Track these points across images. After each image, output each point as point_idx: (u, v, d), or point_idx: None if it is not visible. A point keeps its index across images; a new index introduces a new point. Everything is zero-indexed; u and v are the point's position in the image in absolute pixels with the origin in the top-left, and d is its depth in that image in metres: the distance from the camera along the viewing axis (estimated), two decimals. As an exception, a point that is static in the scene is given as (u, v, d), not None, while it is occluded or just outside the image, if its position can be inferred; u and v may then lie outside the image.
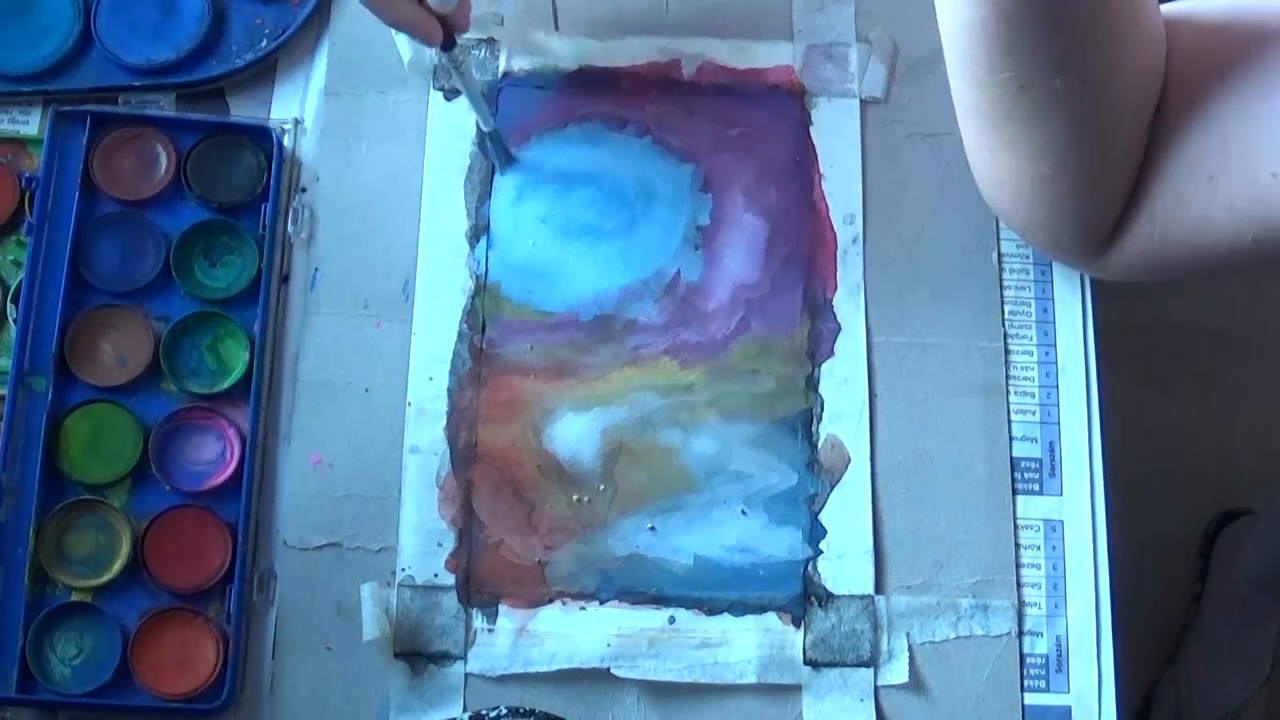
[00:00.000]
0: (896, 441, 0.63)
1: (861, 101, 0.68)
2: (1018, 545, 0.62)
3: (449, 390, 0.63)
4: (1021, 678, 0.61)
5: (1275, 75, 0.50)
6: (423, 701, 0.59)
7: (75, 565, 0.60)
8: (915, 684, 0.60)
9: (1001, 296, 0.66)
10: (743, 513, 0.62)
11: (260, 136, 0.66)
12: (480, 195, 0.66)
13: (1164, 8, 0.56)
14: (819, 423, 0.63)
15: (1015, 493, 0.63)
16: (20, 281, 0.63)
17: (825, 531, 0.62)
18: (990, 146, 0.56)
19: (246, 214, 0.65)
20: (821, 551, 0.62)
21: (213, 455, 0.62)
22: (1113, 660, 0.61)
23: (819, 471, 0.63)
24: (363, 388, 0.63)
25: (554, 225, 0.66)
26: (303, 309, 0.64)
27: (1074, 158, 0.54)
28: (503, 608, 0.61)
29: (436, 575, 0.61)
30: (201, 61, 0.67)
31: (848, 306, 0.65)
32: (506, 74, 0.68)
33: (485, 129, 0.65)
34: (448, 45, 0.60)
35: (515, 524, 0.62)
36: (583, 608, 0.61)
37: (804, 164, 0.67)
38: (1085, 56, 0.50)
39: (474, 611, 0.60)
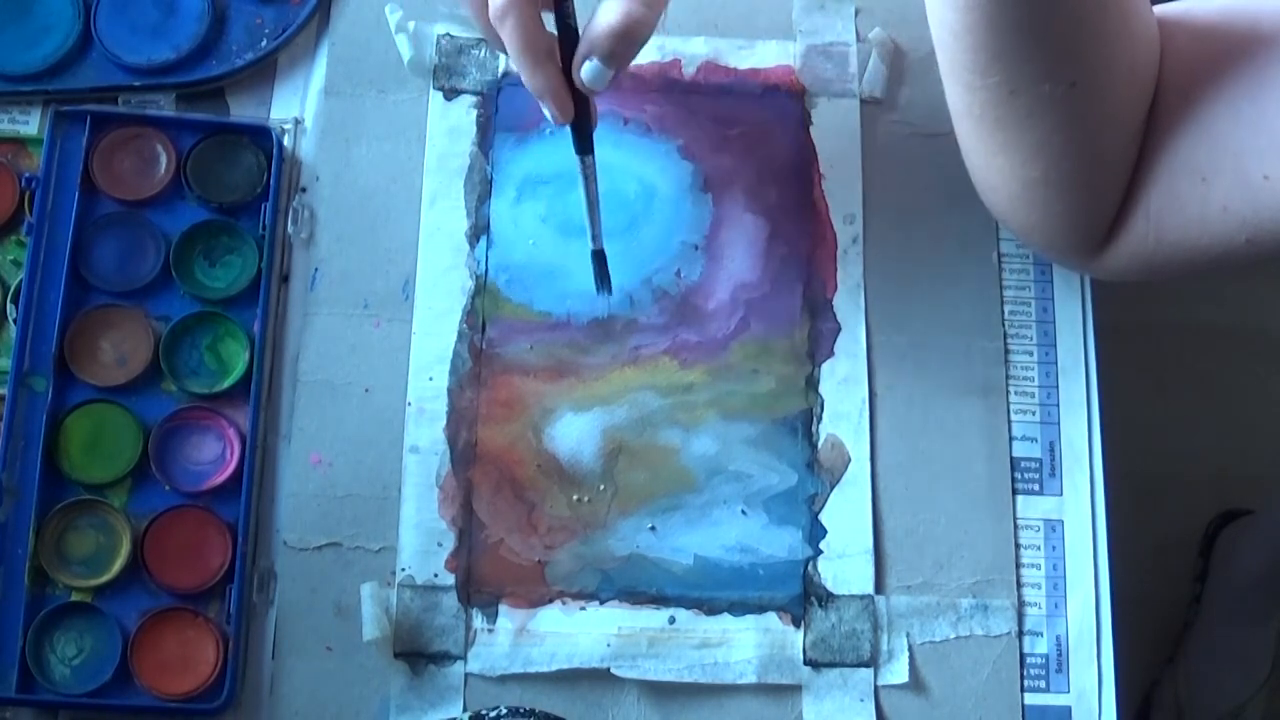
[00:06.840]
0: (896, 441, 0.63)
1: (861, 101, 0.68)
2: (1018, 545, 0.62)
3: (449, 390, 0.63)
4: (1021, 678, 0.61)
5: (1267, 76, 0.50)
6: (423, 701, 0.59)
7: (75, 565, 0.60)
8: (915, 684, 0.60)
9: (1001, 296, 0.66)
10: (743, 513, 0.62)
11: (260, 136, 0.66)
12: (480, 195, 0.66)
13: (1158, 9, 0.56)
14: (819, 423, 0.63)
15: (1015, 493, 0.63)
16: (20, 281, 0.63)
17: (825, 531, 0.62)
18: (983, 150, 0.55)
19: (246, 214, 0.65)
20: (821, 551, 0.62)
21: (213, 455, 0.62)
22: (1113, 660, 0.61)
23: (819, 471, 0.63)
24: (362, 387, 0.63)
25: (554, 225, 0.66)
26: (303, 309, 0.64)
27: (1066, 161, 0.53)
28: (503, 608, 0.61)
29: (436, 575, 0.61)
30: (201, 61, 0.67)
31: (848, 306, 0.65)
32: (506, 74, 0.68)
33: (591, 246, 0.62)
34: (585, 150, 0.59)
35: (515, 524, 0.62)
36: (583, 608, 0.61)
37: (804, 164, 0.67)
38: (1073, 61, 0.50)
39: (474, 611, 0.60)
